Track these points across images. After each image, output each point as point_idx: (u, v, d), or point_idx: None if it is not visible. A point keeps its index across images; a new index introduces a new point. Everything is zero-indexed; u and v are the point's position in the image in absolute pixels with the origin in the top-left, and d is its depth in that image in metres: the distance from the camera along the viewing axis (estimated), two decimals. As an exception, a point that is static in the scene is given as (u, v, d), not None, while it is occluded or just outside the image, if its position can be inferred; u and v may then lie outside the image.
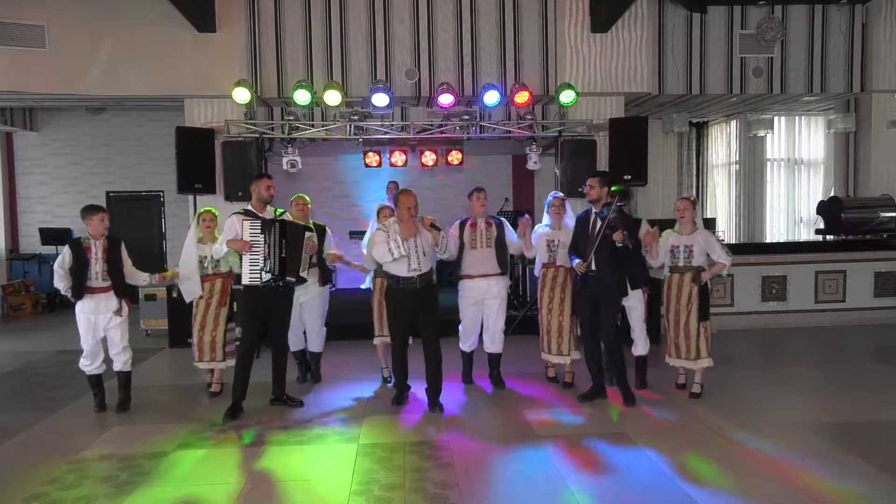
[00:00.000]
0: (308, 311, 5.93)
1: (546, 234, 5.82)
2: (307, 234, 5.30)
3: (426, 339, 5.27)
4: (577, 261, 5.29)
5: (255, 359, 5.33)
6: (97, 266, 5.25)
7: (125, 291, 5.42)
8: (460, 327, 5.94)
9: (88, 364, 5.43)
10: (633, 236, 5.30)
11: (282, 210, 5.43)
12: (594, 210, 5.30)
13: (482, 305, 5.81)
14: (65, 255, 5.25)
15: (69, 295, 5.28)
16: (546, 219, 5.91)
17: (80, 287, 5.22)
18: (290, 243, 5.15)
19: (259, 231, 5.07)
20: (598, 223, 5.16)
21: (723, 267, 5.46)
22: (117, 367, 5.47)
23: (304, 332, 6.06)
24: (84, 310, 5.29)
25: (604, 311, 5.28)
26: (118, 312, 5.34)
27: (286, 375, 5.49)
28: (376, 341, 6.05)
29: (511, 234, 5.87)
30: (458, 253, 5.77)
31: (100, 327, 5.34)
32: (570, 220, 5.81)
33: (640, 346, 5.81)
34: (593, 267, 5.20)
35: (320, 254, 5.83)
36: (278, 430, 4.88)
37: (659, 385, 5.78)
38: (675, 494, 3.73)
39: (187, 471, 4.20)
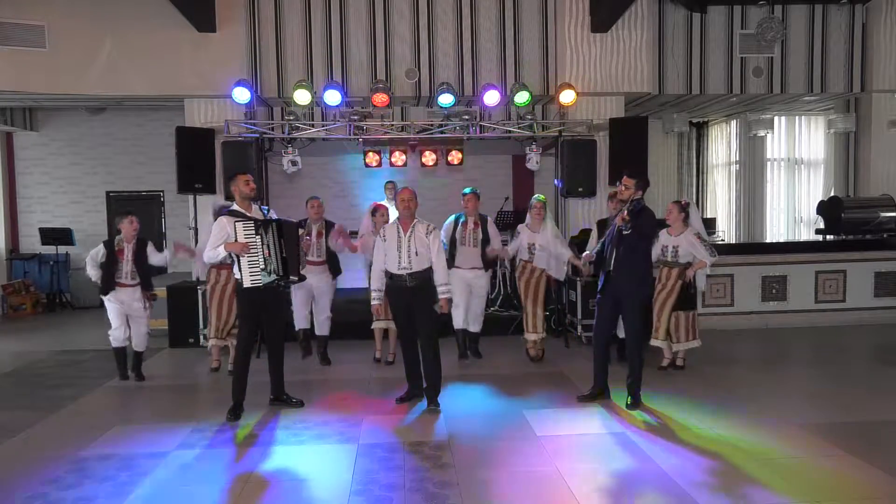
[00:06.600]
0: (321, 294, 6.62)
1: (528, 237, 6.58)
2: (300, 230, 5.44)
3: (420, 337, 5.32)
4: (587, 252, 5.44)
5: (255, 357, 5.33)
6: (127, 267, 6.00)
7: (151, 286, 6.25)
8: (452, 307, 6.43)
9: (114, 339, 6.18)
10: (649, 231, 5.35)
11: (267, 207, 5.49)
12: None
13: (469, 290, 6.67)
14: (99, 250, 6.04)
15: (99, 285, 6.01)
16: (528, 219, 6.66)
17: (110, 283, 5.97)
18: (288, 242, 5.16)
19: (253, 232, 5.03)
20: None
21: (703, 265, 6.06)
22: (135, 346, 6.28)
23: (311, 314, 6.70)
24: (112, 300, 6.05)
25: (626, 312, 5.25)
26: (145, 307, 6.17)
27: (284, 374, 5.48)
28: (374, 325, 6.65)
29: (493, 233, 6.65)
30: (451, 248, 6.51)
31: (126, 313, 6.10)
32: (549, 223, 6.60)
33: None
34: (611, 266, 5.20)
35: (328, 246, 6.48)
36: (278, 430, 4.88)
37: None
38: (675, 494, 3.73)
39: (187, 470, 4.20)
